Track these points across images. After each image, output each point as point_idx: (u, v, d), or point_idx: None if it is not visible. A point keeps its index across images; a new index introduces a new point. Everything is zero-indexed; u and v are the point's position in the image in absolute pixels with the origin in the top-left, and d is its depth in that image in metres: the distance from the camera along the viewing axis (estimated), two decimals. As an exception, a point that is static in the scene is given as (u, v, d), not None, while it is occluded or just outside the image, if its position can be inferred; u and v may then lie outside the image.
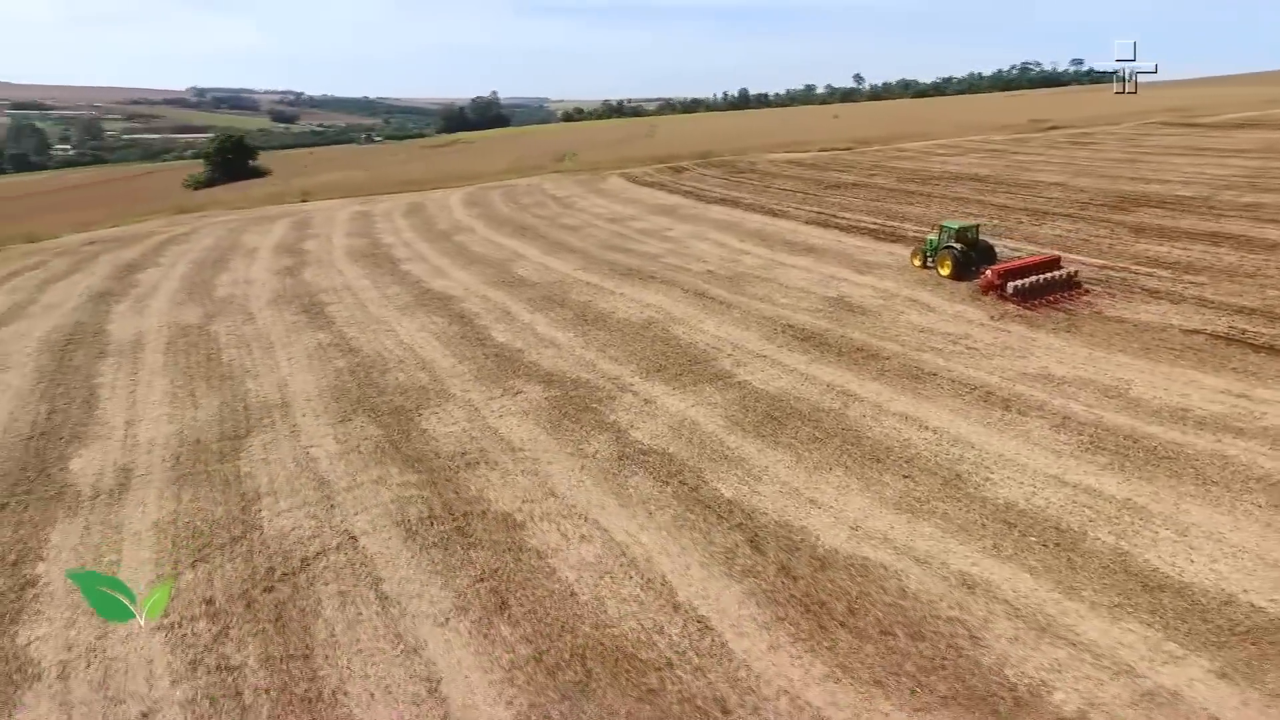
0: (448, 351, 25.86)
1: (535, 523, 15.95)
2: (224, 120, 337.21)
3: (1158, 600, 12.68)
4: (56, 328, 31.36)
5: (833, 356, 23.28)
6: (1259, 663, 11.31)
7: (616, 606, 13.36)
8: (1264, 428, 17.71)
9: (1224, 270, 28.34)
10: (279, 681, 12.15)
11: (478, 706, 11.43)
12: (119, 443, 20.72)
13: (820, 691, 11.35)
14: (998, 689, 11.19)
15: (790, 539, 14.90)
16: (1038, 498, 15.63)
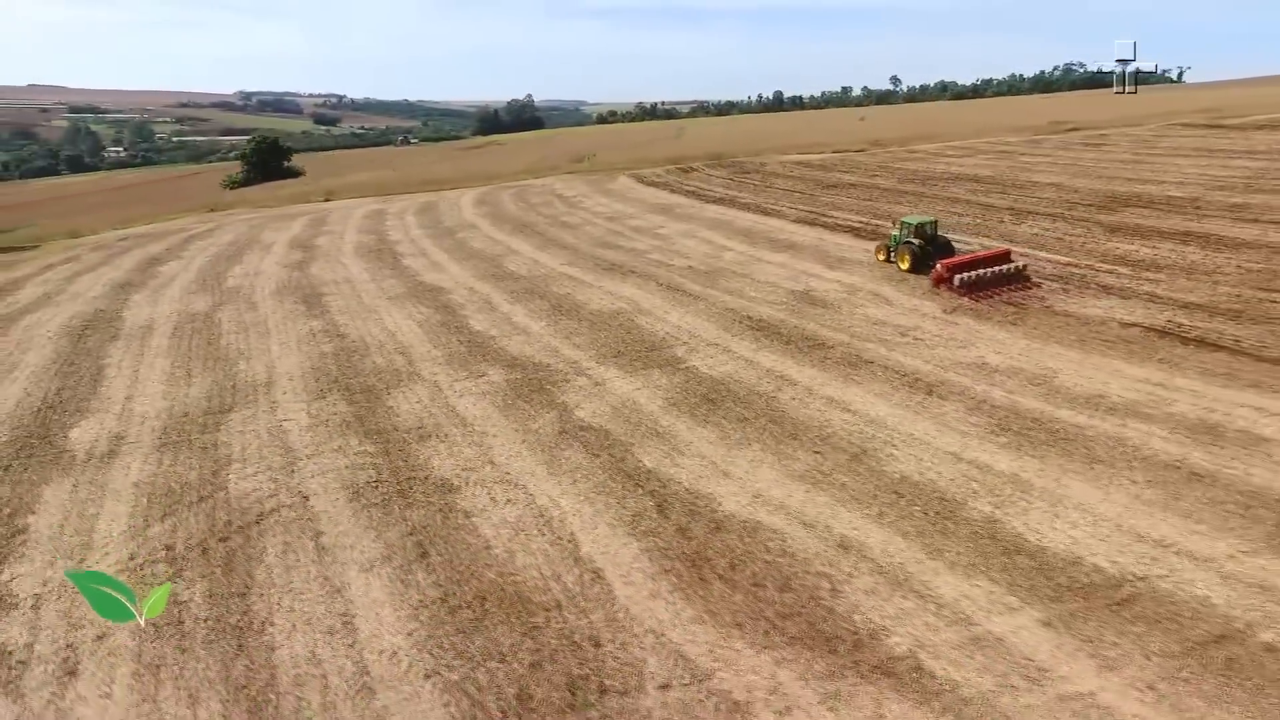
0: (426, 338, 27.56)
1: (469, 487, 17.47)
2: (268, 123, 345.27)
3: (1012, 561, 13.72)
4: (77, 314, 33.83)
5: (780, 345, 24.44)
6: (1083, 614, 12.33)
7: (524, 558, 14.79)
8: (1169, 413, 18.49)
9: (1184, 268, 28.80)
10: (216, 614, 13.82)
11: (381, 636, 12.95)
12: (115, 415, 22.75)
13: (683, 631, 12.65)
14: (843, 632, 12.38)
15: (695, 505, 16.19)
16: (931, 472, 16.69)
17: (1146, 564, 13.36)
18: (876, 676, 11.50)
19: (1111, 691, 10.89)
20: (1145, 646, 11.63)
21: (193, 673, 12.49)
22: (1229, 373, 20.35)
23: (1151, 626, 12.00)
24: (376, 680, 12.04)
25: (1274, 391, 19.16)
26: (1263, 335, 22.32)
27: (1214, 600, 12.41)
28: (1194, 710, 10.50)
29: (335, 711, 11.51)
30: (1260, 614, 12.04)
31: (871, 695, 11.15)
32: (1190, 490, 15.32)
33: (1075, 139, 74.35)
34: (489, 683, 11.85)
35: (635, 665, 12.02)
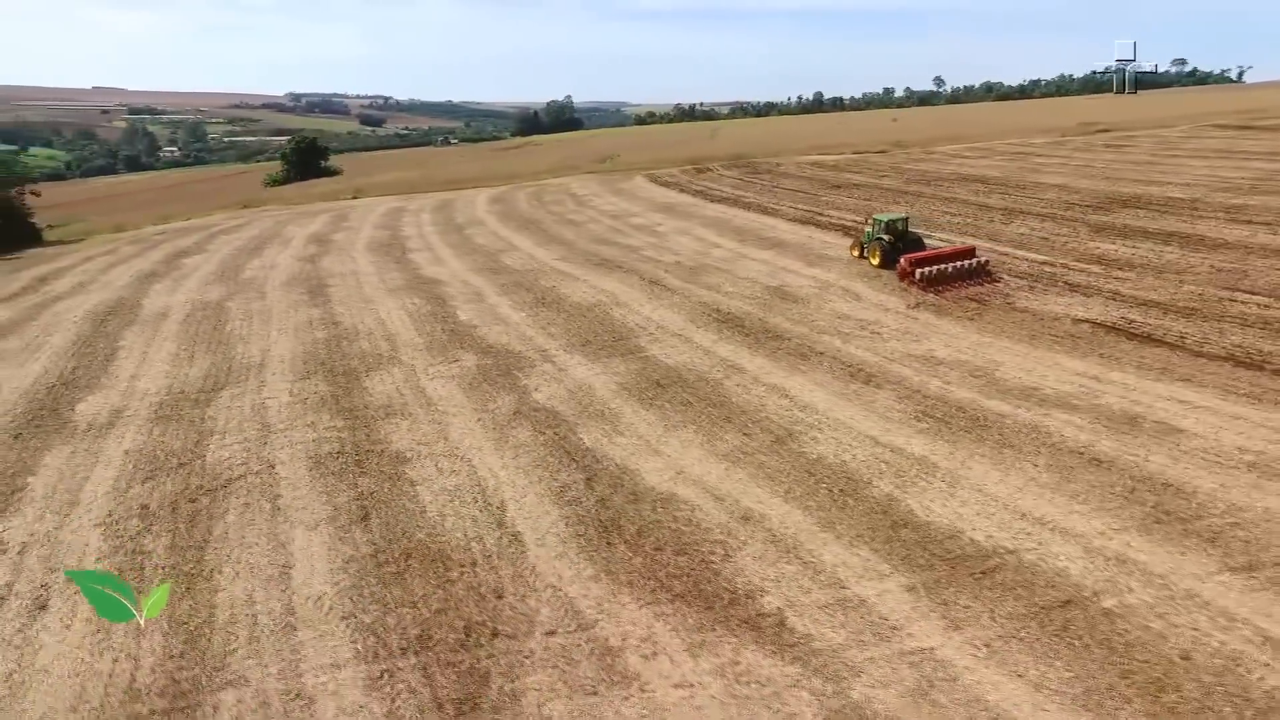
0: (413, 326, 29.15)
1: (420, 459, 18.88)
2: (316, 123, 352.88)
3: (896, 534, 14.62)
4: (103, 301, 36.27)
5: (740, 336, 25.44)
6: (946, 581, 13.21)
7: (453, 522, 16.12)
8: (1095, 404, 19.08)
9: (1156, 267, 29.00)
10: (173, 562, 15.41)
11: (310, 584, 14.39)
12: (120, 392, 24.73)
13: (580, 587, 13.84)
14: (722, 592, 13.45)
15: (620, 479, 17.35)
16: (846, 454, 17.60)
17: (1020, 539, 14.15)
18: (741, 629, 12.55)
19: (950, 648, 11.79)
20: (994, 610, 12.48)
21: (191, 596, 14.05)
22: (1165, 367, 20.80)
23: (1006, 593, 12.83)
24: (299, 620, 13.47)
25: (1201, 385, 19.60)
26: (1209, 332, 22.65)
27: (1071, 571, 13.18)
28: (1019, 664, 11.35)
29: (258, 644, 12.95)
30: (1109, 584, 12.78)
31: (732, 645, 12.20)
32: (1085, 474, 15.99)
33: (1099, 140, 73.48)
34: (396, 625, 13.19)
35: (529, 615, 13.24)
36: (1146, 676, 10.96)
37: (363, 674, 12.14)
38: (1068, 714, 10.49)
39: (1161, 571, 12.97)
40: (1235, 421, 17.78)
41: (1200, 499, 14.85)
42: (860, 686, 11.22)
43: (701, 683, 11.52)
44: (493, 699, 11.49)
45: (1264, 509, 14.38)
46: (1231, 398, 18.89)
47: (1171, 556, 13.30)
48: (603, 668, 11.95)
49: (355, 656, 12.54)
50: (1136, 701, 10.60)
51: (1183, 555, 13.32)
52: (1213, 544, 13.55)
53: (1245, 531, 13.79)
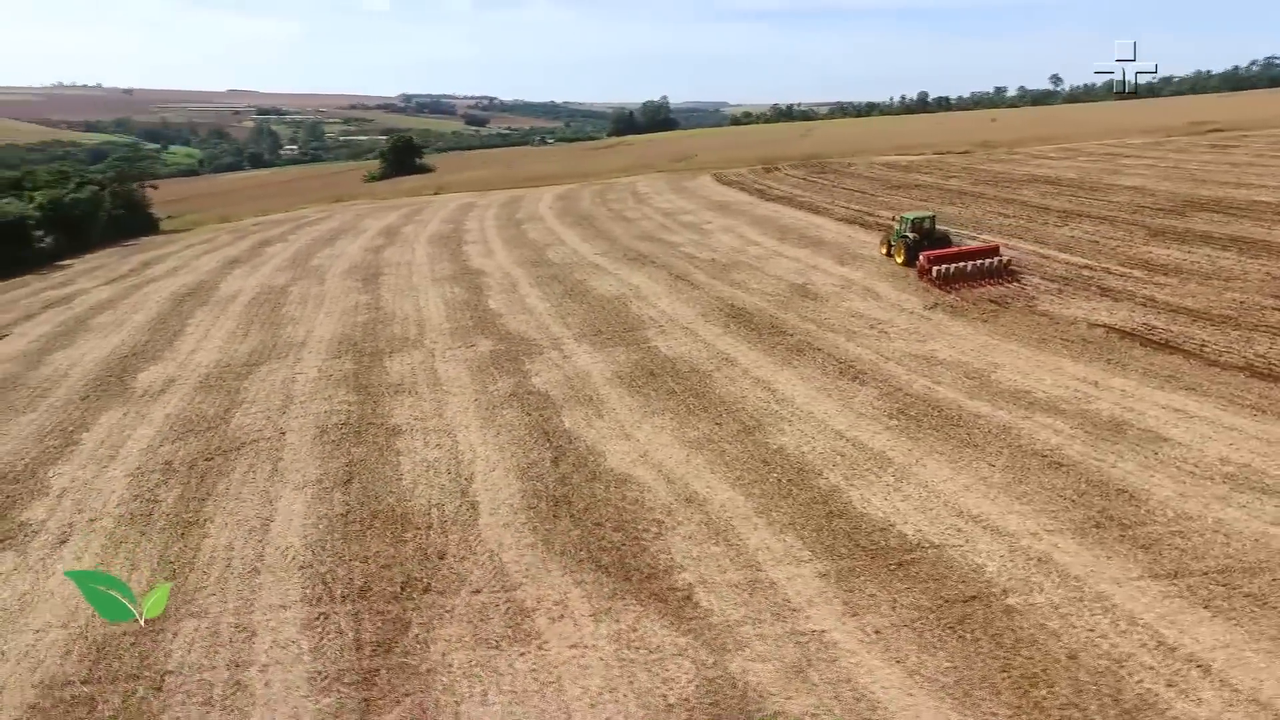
0: (446, 313, 30.83)
1: (412, 432, 20.27)
2: (424, 123, 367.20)
3: (828, 523, 14.83)
4: (186, 284, 39.87)
5: (745, 331, 25.74)
6: (861, 571, 13.38)
7: (423, 490, 17.36)
8: (1084, 409, 18.50)
9: (1204, 273, 27.38)
10: (177, 511, 17.28)
11: (284, 537, 15.89)
12: (177, 364, 27.39)
13: (515, 553, 14.76)
14: (644, 566, 14.08)
15: (586, 459, 18.17)
16: (806, 445, 17.81)
17: (948, 535, 14.11)
18: (649, 601, 13.16)
19: (841, 632, 12.03)
20: (898, 600, 12.60)
21: (142, 549, 15.91)
22: (1172, 375, 19.87)
23: (915, 585, 12.91)
24: (264, 566, 14.95)
25: (1205, 395, 18.67)
26: (1234, 341, 21.40)
27: (988, 568, 13.10)
28: (902, 652, 11.49)
29: (224, 585, 14.50)
30: (1021, 583, 12.67)
31: (635, 614, 12.84)
32: (1040, 476, 15.68)
33: (1205, 141, 68.74)
34: (344, 575, 14.47)
35: (462, 575, 14.27)
36: (1024, 672, 10.92)
37: (303, 615, 13.45)
38: (932, 701, 10.62)
39: (1079, 574, 12.73)
40: (1228, 433, 16.93)
41: (1151, 506, 14.36)
42: (741, 660, 11.65)
43: (595, 645, 12.22)
44: (406, 645, 12.55)
45: (1215, 520, 13.80)
46: (1233, 409, 17.93)
47: (1096, 560, 13.02)
48: (511, 625, 12.82)
49: (301, 599, 13.89)
50: (1005, 694, 10.61)
51: (1108, 559, 13.01)
52: (1145, 550, 13.16)
53: (1184, 540, 13.31)
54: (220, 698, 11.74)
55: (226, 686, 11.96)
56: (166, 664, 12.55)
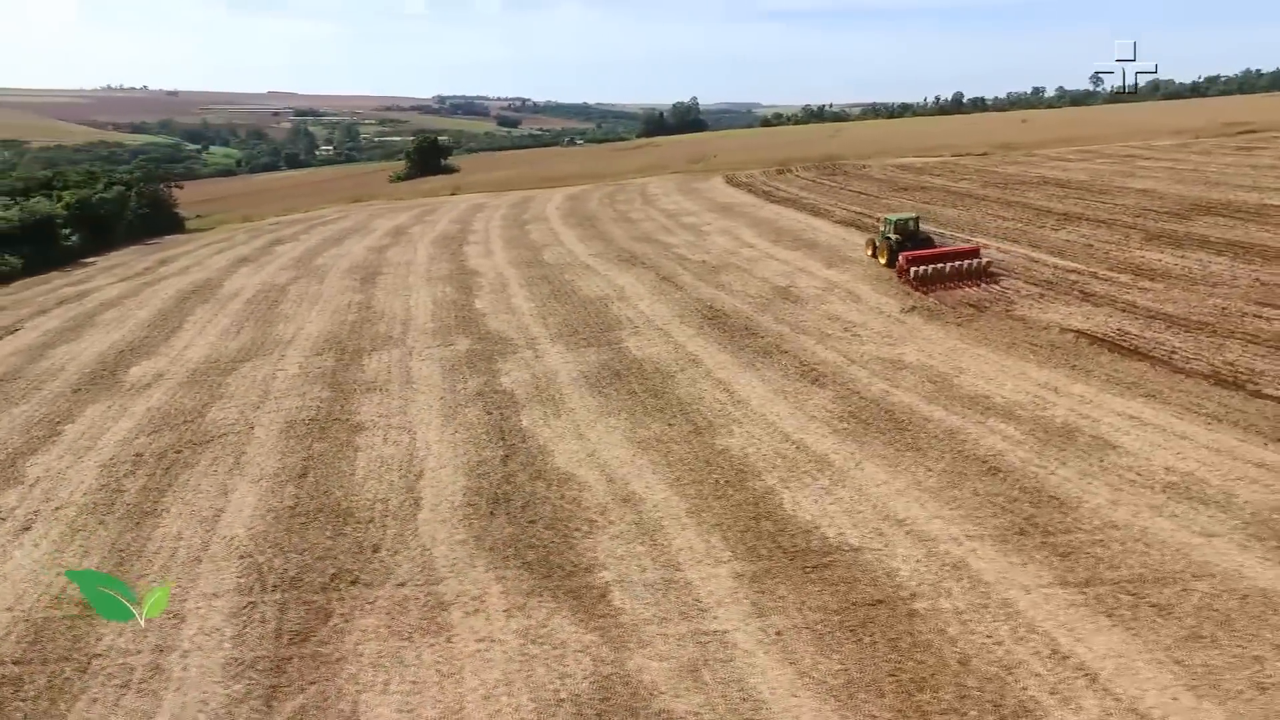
0: (432, 313, 31.33)
1: (374, 429, 20.70)
2: (457, 124, 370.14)
3: (755, 525, 14.89)
4: (193, 282, 40.99)
5: (717, 333, 25.80)
6: (776, 572, 13.44)
7: (371, 485, 17.74)
8: (1038, 415, 18.29)
9: (1192, 278, 26.79)
10: (137, 500, 17.87)
11: (231, 527, 16.35)
12: (169, 359, 28.22)
13: (447, 549, 15.03)
14: (567, 564, 14.28)
15: (535, 458, 18.42)
16: (751, 447, 17.86)
17: (869, 539, 14.10)
18: (564, 598, 13.36)
19: (743, 633, 12.11)
20: (806, 602, 12.64)
21: (97, 537, 16.51)
22: (1135, 382, 19.54)
23: (826, 587, 12.93)
24: (207, 555, 15.43)
25: (1165, 402, 18.34)
26: (1205, 348, 20.96)
27: (901, 572, 13.08)
28: (798, 654, 11.55)
29: (165, 572, 15.00)
30: (931, 588, 12.63)
31: (548, 610, 13.05)
32: (975, 482, 15.57)
33: (1232, 143, 66.96)
34: (280, 566, 14.89)
35: (391, 568, 14.60)
36: (913, 676, 10.92)
37: (232, 604, 13.88)
38: (815, 703, 10.67)
39: (990, 580, 12.65)
40: (1178, 441, 16.63)
41: (1079, 515, 14.20)
42: (640, 658, 11.79)
43: (502, 640, 12.46)
44: (323, 635, 12.91)
45: (1141, 529, 13.60)
46: (1188, 417, 17.60)
47: (1010, 566, 12.92)
48: (426, 618, 13.11)
49: (234, 589, 14.32)
50: (889, 698, 10.62)
51: (1022, 566, 12.91)
52: (1062, 558, 13.03)
53: (1104, 549, 13.15)
54: (138, 680, 12.19)
55: (146, 670, 12.41)
56: (96, 647, 13.05)
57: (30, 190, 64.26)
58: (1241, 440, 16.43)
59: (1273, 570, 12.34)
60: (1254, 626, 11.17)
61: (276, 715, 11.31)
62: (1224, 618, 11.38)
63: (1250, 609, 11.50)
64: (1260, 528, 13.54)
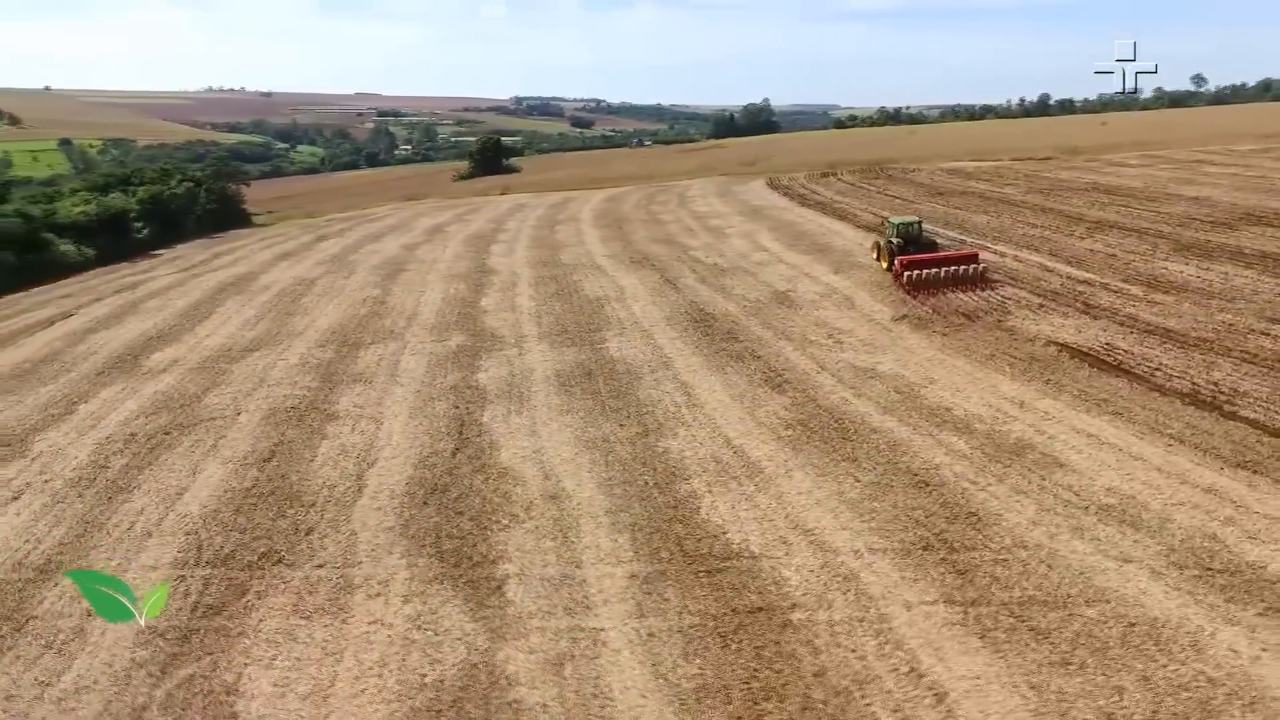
0: (438, 309, 32.28)
1: (350, 418, 21.57)
2: (532, 125, 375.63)
3: (667, 527, 14.97)
4: (235, 275, 43.24)
5: (698, 337, 25.80)
6: (671, 575, 13.52)
7: (328, 470, 18.53)
8: (995, 430, 17.74)
9: (1209, 292, 25.32)
10: (117, 476, 19.12)
11: (189, 505, 17.35)
12: (188, 346, 29.93)
13: (371, 534, 15.61)
14: (477, 555, 14.68)
15: (483, 452, 18.90)
16: (690, 450, 17.90)
17: (772, 546, 14.01)
18: (463, 587, 13.76)
19: (618, 632, 12.25)
20: (688, 606, 12.68)
21: (72, 509, 17.75)
22: (1106, 399, 18.70)
23: (714, 592, 12.94)
24: (159, 530, 16.44)
25: (1129, 421, 17.51)
26: (1192, 366, 19.87)
27: (790, 582, 12.97)
28: (662, 656, 11.62)
29: (120, 544, 16.05)
30: (816, 599, 12.49)
31: (444, 598, 13.47)
32: (899, 495, 15.25)
33: (1317, 148, 62.55)
34: (220, 543, 15.76)
35: (316, 550, 15.28)
36: (764, 685, 10.86)
37: (164, 575, 14.77)
38: (660, 705, 10.74)
39: (876, 594, 12.43)
40: (1131, 462, 15.89)
41: (992, 533, 13.76)
42: (511, 649, 12.08)
43: (392, 624, 12.94)
44: (233, 610, 13.65)
45: (1050, 551, 13.10)
46: (1150, 437, 16.77)
47: (901, 582, 12.66)
48: (331, 599, 13.71)
49: (171, 562, 15.25)
50: (735, 705, 10.61)
51: (913, 582, 12.62)
52: (958, 575, 12.68)
53: (1004, 569, 12.73)
54: (60, 642, 13.15)
55: (71, 633, 13.38)
56: (36, 610, 14.12)
57: (110, 186, 68.88)
58: (1197, 463, 15.59)
59: (1174, 600, 11.74)
60: (1128, 656, 10.68)
61: (167, 681, 12.06)
62: (1101, 645, 10.91)
63: (1132, 638, 10.99)
64: (1184, 555, 12.88)
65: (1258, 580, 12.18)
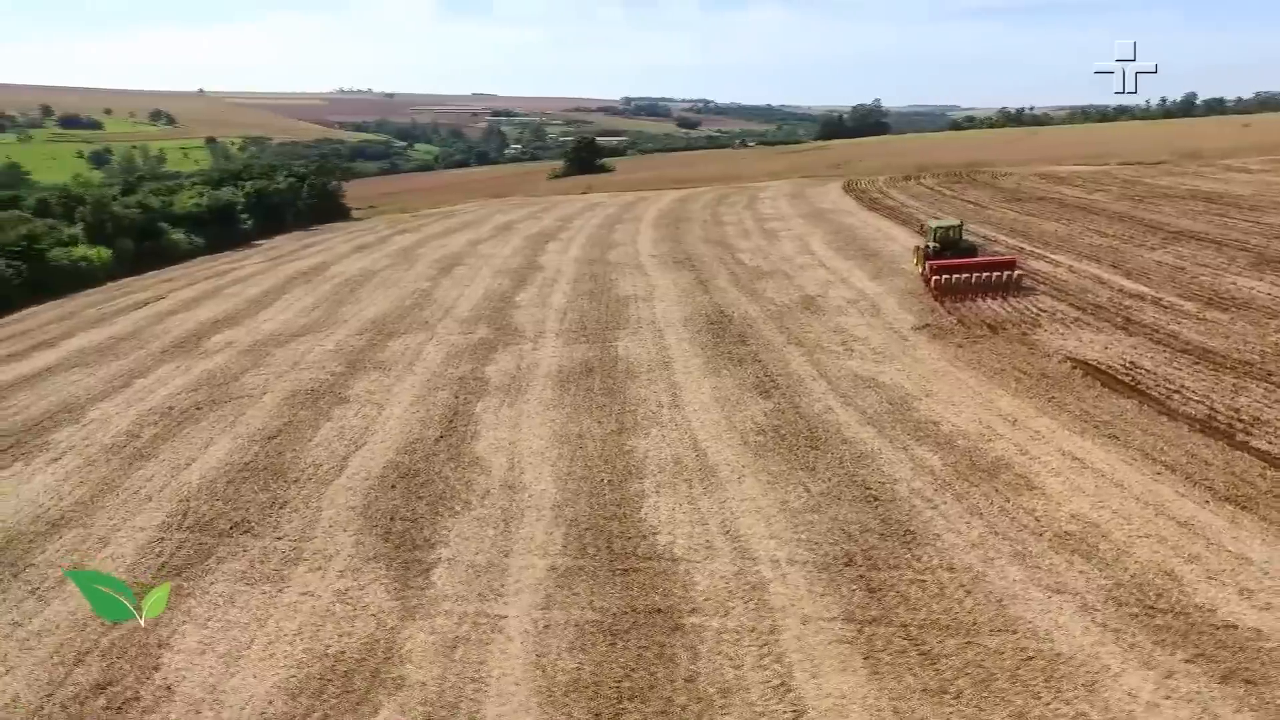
0: (475, 303, 33.38)
1: (358, 402, 22.72)
2: (638, 125, 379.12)
3: (604, 525, 15.09)
4: (310, 265, 46.07)
5: (708, 339, 25.62)
6: (590, 570, 13.67)
7: (318, 451, 19.62)
8: (977, 447, 16.89)
9: (1271, 311, 23.02)
10: (144, 445, 20.88)
11: (190, 477, 18.78)
12: (246, 330, 32.18)
13: (333, 513, 16.47)
14: (420, 540, 15.26)
15: (463, 442, 19.52)
16: (655, 450, 17.93)
17: (695, 550, 13.90)
18: (396, 567, 14.36)
19: (518, 621, 12.52)
20: (593, 603, 12.80)
21: (96, 472, 19.48)
22: (1107, 421, 17.42)
23: (624, 590, 13.00)
24: (160, 495, 17.90)
25: (1123, 445, 16.27)
26: (1217, 390, 18.21)
27: (698, 586, 12.85)
28: (549, 649, 11.79)
29: (120, 507, 17.54)
30: (716, 605, 12.34)
31: (375, 576, 14.10)
32: (842, 508, 14.80)
33: None
34: (204, 510, 17.01)
35: (281, 523, 16.26)
36: (634, 686, 10.85)
37: (149, 537, 16.12)
38: (527, 694, 10.94)
39: (779, 605, 12.16)
40: (1109, 489, 14.80)
41: (921, 553, 13.15)
42: (414, 629, 12.55)
43: (320, 596, 13.67)
44: (193, 572, 14.75)
45: (976, 575, 12.41)
46: (1140, 463, 15.53)
47: (809, 595, 12.32)
48: (277, 569, 14.60)
49: (158, 525, 16.60)
50: (599, 702, 10.66)
51: (820, 596, 12.25)
52: (869, 593, 12.22)
53: (918, 590, 12.16)
54: (45, 588, 14.58)
55: (55, 582, 14.78)
56: (36, 559, 15.68)
57: (223, 181, 74.66)
58: (1182, 494, 14.35)
59: (1091, 637, 10.93)
60: (1011, 690, 10.04)
61: (115, 631, 13.18)
62: (986, 677, 10.30)
63: (1024, 673, 10.32)
64: (1129, 591, 11.95)
65: (1201, 624, 11.17)
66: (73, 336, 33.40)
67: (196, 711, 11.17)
